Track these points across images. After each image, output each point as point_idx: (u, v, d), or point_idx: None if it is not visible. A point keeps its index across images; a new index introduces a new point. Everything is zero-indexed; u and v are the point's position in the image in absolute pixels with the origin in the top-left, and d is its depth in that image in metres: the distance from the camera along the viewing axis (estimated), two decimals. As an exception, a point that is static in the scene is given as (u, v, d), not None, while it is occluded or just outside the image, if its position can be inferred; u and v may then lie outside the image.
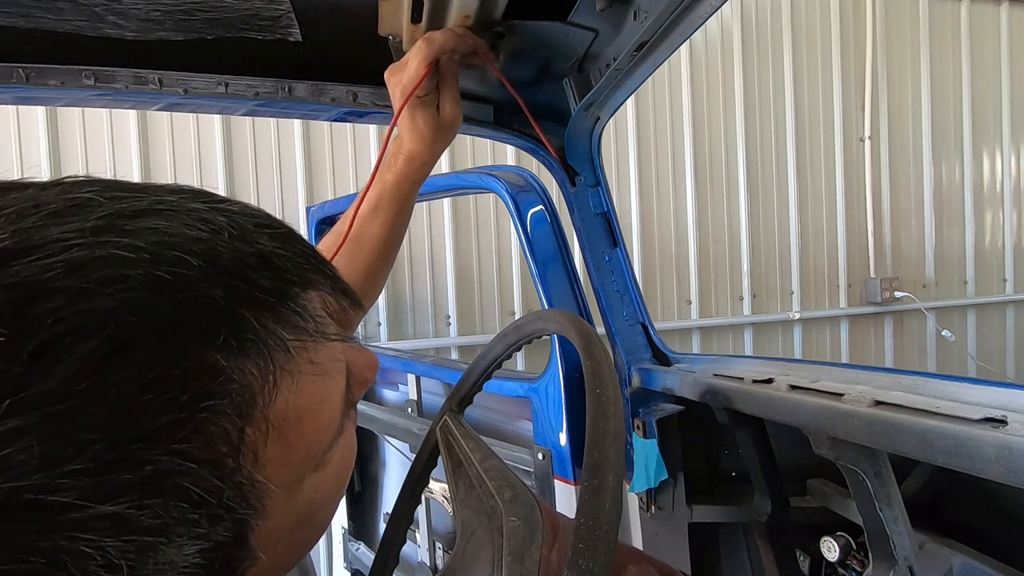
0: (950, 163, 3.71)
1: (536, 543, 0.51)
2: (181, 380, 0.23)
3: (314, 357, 0.28)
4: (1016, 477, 0.51)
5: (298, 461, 0.29)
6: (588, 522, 0.40)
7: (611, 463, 0.43)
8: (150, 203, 0.26)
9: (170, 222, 0.25)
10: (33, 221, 0.23)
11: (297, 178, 2.64)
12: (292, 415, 0.27)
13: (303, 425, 0.28)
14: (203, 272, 0.24)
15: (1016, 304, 3.86)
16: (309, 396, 0.28)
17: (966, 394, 0.64)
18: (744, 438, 0.93)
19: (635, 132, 3.09)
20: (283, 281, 0.28)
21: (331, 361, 0.30)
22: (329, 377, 0.30)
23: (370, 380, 0.38)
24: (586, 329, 0.60)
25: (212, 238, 0.26)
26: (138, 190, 0.27)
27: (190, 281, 0.24)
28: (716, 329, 3.28)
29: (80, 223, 0.23)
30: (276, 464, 0.27)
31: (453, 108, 0.71)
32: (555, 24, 0.71)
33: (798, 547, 0.97)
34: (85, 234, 0.23)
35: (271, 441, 0.26)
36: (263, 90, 0.86)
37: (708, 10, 0.65)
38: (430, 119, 0.71)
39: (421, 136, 0.72)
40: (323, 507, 0.33)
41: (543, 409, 1.28)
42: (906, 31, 3.58)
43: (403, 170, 0.75)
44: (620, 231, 1.08)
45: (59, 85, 0.78)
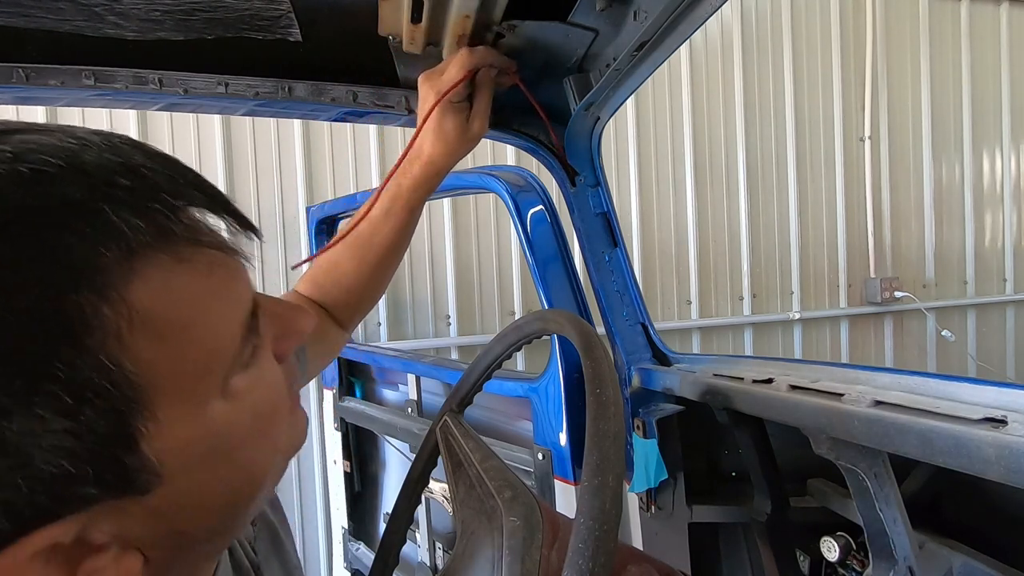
0: (950, 163, 3.71)
1: (536, 543, 0.51)
2: (32, 257, 0.24)
3: (184, 255, 0.29)
4: (1016, 477, 0.51)
5: (190, 371, 0.29)
6: (588, 522, 0.40)
7: (611, 463, 0.43)
8: (34, 127, 0.29)
9: (44, 137, 0.27)
10: None
11: (297, 178, 2.63)
12: (169, 315, 0.28)
13: (189, 333, 0.29)
14: (63, 171, 0.26)
15: (1016, 304, 3.86)
16: (185, 298, 0.29)
17: (966, 394, 0.64)
18: (744, 438, 0.93)
19: (635, 132, 3.09)
20: (149, 187, 0.29)
21: (210, 267, 0.31)
22: (208, 284, 0.30)
23: (300, 330, 0.39)
24: (586, 329, 0.60)
25: (80, 149, 0.27)
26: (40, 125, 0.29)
27: (48, 177, 0.26)
28: (716, 329, 3.28)
29: None
30: (160, 366, 0.28)
31: (482, 121, 0.74)
32: (555, 24, 0.72)
33: (798, 547, 0.97)
34: None
35: (143, 335, 0.27)
36: (263, 90, 0.86)
37: (708, 10, 0.65)
38: (458, 126, 0.73)
39: (446, 143, 0.74)
40: (245, 447, 0.33)
41: (543, 409, 1.28)
42: (906, 31, 3.58)
43: (419, 176, 0.76)
44: (620, 231, 1.08)
45: (59, 85, 0.78)
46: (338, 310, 0.80)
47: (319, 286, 0.80)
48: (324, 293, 0.79)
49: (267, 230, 2.63)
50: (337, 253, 0.79)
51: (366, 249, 0.78)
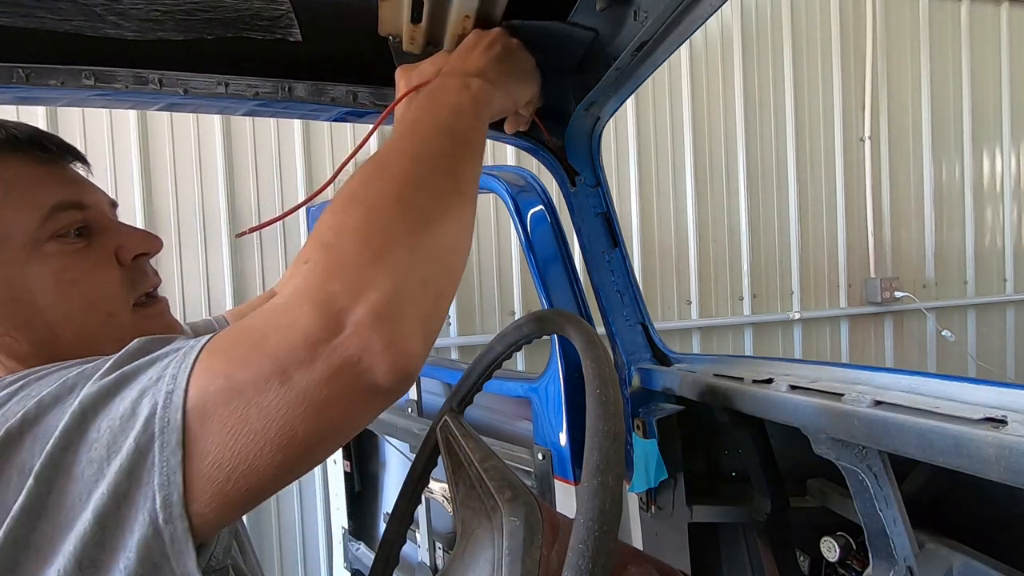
0: (950, 163, 3.71)
1: (536, 543, 0.51)
2: None
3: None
4: (1016, 477, 0.51)
5: (7, 219, 0.50)
6: (588, 522, 0.40)
7: (611, 463, 0.43)
8: None
9: None
10: None
11: (297, 178, 2.63)
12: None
13: (6, 198, 0.50)
14: None
15: (1016, 304, 3.86)
16: (1, 182, 0.50)
17: (966, 394, 0.64)
18: (744, 438, 0.93)
19: (635, 132, 3.09)
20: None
21: (5, 173, 0.51)
22: (6, 180, 0.51)
23: (131, 245, 0.57)
24: (586, 329, 0.60)
25: None
26: None
27: None
28: (716, 329, 3.28)
29: None
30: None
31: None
32: (555, 24, 0.71)
33: (798, 547, 0.97)
34: None
35: None
36: (263, 90, 0.86)
37: (708, 10, 0.65)
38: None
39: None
40: (55, 289, 0.51)
41: (543, 409, 1.28)
42: (906, 31, 3.58)
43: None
44: (620, 231, 1.08)
45: (59, 85, 0.78)
46: None
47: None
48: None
49: (267, 230, 2.63)
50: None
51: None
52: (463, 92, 0.56)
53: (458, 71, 0.60)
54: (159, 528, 0.34)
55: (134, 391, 0.36)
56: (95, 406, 0.36)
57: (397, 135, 0.51)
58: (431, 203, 0.45)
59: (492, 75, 0.60)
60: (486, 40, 0.64)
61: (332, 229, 0.41)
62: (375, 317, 0.37)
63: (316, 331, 0.36)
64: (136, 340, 0.41)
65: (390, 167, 0.46)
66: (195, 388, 0.35)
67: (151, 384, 0.36)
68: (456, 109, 0.54)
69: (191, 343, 0.39)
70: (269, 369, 0.35)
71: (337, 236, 0.41)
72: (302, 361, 0.35)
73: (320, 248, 0.40)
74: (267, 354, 0.36)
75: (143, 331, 0.50)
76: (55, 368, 0.42)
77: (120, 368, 0.38)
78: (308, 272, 0.39)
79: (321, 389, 0.36)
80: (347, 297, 0.37)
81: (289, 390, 0.35)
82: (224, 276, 2.52)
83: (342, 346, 0.36)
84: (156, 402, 0.35)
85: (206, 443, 0.35)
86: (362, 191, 0.44)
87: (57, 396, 0.37)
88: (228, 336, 0.38)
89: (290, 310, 0.37)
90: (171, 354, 0.38)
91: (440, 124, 0.52)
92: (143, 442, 0.34)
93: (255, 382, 0.35)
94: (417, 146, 0.49)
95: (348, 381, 0.36)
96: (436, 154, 0.49)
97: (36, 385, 0.39)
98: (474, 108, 0.56)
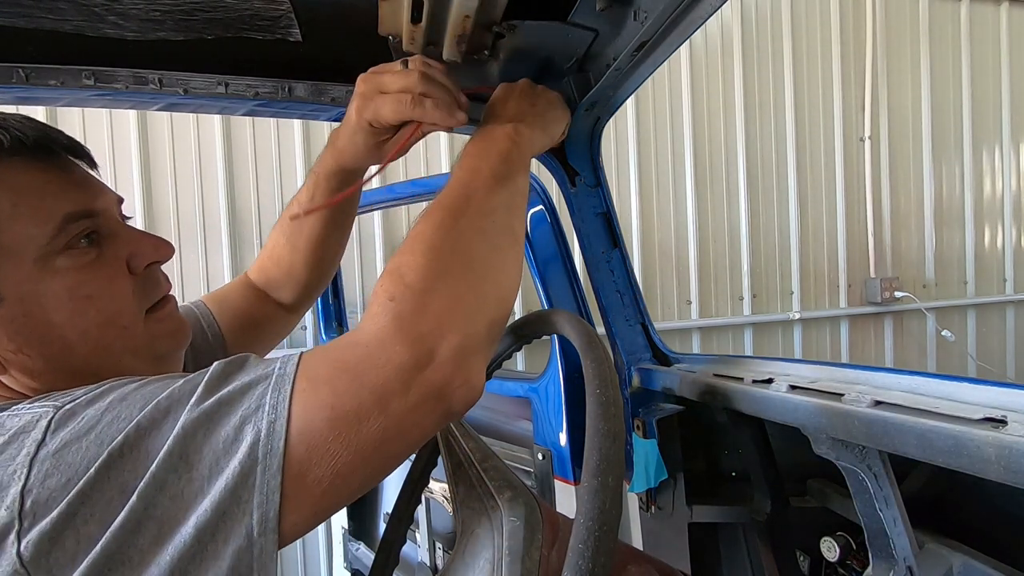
0: (950, 163, 3.71)
1: (536, 543, 0.51)
2: None
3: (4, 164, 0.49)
4: (1016, 477, 0.51)
5: (14, 232, 0.47)
6: (588, 522, 0.40)
7: (611, 463, 0.43)
8: None
9: None
10: None
11: (297, 178, 2.63)
12: (1, 196, 0.47)
13: (15, 210, 0.47)
14: None
15: (1016, 304, 3.86)
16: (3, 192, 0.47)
17: (966, 394, 0.64)
18: (744, 438, 0.93)
19: (635, 132, 3.09)
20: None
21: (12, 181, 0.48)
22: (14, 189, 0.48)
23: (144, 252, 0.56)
24: (586, 329, 0.60)
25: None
26: None
27: None
28: (716, 329, 3.28)
29: None
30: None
31: (389, 149, 0.69)
32: (555, 24, 0.72)
33: (798, 547, 0.97)
34: None
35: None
36: (263, 90, 0.86)
37: (708, 10, 0.65)
38: (366, 145, 0.69)
39: (348, 143, 0.70)
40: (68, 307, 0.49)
41: (543, 409, 1.28)
42: (906, 31, 3.58)
43: (330, 164, 0.74)
44: (620, 231, 1.08)
45: (59, 85, 0.78)
46: (280, 292, 0.84)
47: (263, 270, 0.85)
48: (267, 276, 0.84)
49: (267, 230, 2.62)
50: (275, 236, 0.84)
51: (296, 235, 0.81)
52: (511, 139, 0.62)
53: (502, 118, 0.66)
54: (252, 541, 0.38)
55: (235, 418, 0.40)
56: (196, 431, 0.39)
57: (460, 180, 0.56)
58: (496, 256, 0.53)
59: (530, 119, 0.67)
60: (517, 89, 0.70)
61: (415, 272, 0.47)
62: (456, 356, 0.45)
63: (410, 367, 0.43)
64: (216, 364, 0.43)
65: (461, 218, 0.52)
66: (298, 418, 0.40)
67: (251, 412, 0.40)
68: (506, 156, 0.60)
69: (278, 369, 0.43)
70: (371, 401, 0.42)
71: (423, 281, 0.47)
72: (397, 392, 0.42)
73: (406, 289, 0.46)
74: (368, 387, 0.42)
75: (156, 336, 0.56)
76: (131, 384, 0.43)
77: (215, 394, 0.41)
78: (397, 312, 0.45)
79: (413, 415, 0.43)
80: (434, 339, 0.44)
81: (387, 417, 0.42)
82: (224, 276, 2.52)
83: (430, 380, 0.44)
84: (260, 430, 0.39)
85: (308, 465, 0.40)
86: (439, 238, 0.50)
87: (154, 419, 0.39)
88: (324, 367, 0.43)
89: (385, 348, 0.43)
90: (262, 381, 0.42)
91: (496, 172, 0.58)
92: (247, 466, 0.38)
93: (358, 412, 0.41)
94: (481, 198, 0.55)
95: (433, 407, 0.44)
96: (498, 206, 0.56)
97: (122, 405, 0.40)
98: (520, 154, 0.62)
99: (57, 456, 0.37)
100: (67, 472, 0.37)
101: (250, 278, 0.86)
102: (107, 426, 0.39)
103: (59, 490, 0.36)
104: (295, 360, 0.43)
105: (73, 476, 0.37)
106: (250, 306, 0.83)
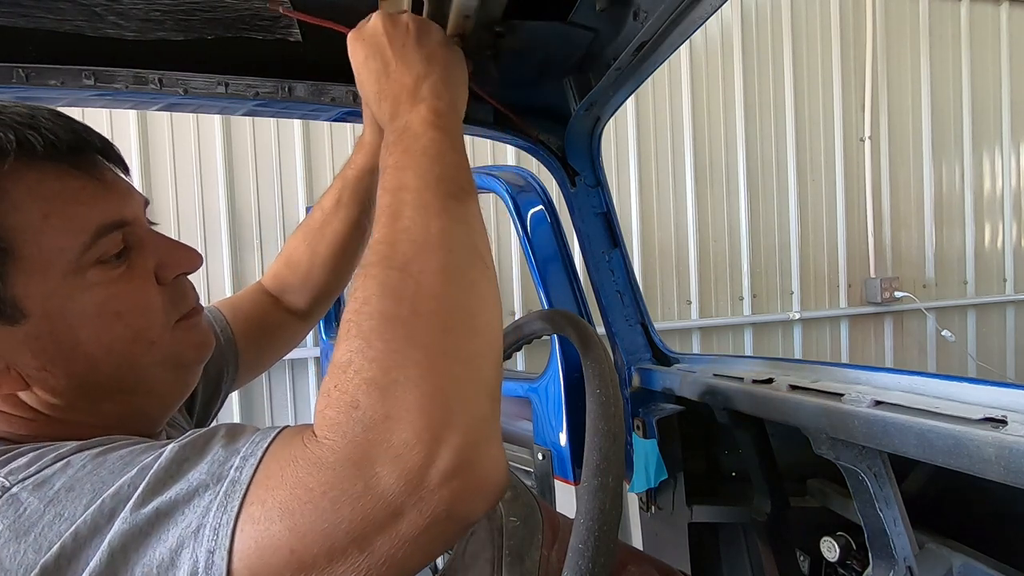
0: (950, 163, 3.71)
1: (536, 543, 0.51)
2: None
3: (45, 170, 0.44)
4: (1016, 477, 0.51)
5: (45, 244, 0.43)
6: (588, 522, 0.40)
7: (611, 463, 0.43)
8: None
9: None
10: None
11: (297, 178, 2.64)
12: (28, 205, 0.43)
13: (47, 221, 0.43)
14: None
15: (1016, 304, 3.86)
16: (35, 201, 0.43)
17: (966, 394, 0.64)
18: (744, 438, 0.93)
19: (635, 132, 3.09)
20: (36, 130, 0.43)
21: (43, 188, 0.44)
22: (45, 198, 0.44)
23: (174, 263, 0.52)
24: (586, 329, 0.60)
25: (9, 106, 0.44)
26: None
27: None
28: (716, 329, 3.28)
29: None
30: (20, 235, 0.42)
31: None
32: (555, 24, 0.71)
33: (798, 547, 0.97)
34: None
35: (6, 202, 0.42)
36: (263, 90, 0.86)
37: (708, 10, 0.65)
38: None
39: (377, 128, 0.71)
40: (98, 322, 0.45)
41: (543, 409, 1.28)
42: (906, 31, 3.58)
43: (360, 163, 0.74)
44: (620, 231, 1.08)
45: (59, 85, 0.78)
46: (295, 297, 0.82)
47: (278, 276, 0.83)
48: (282, 282, 0.82)
49: (268, 231, 2.63)
50: (294, 242, 0.82)
51: (317, 239, 0.79)
52: (432, 125, 0.49)
53: (403, 97, 0.52)
54: None
55: (172, 538, 0.33)
56: (126, 550, 0.33)
57: (391, 210, 0.43)
58: (471, 297, 0.40)
59: (436, 74, 0.53)
60: (387, 38, 0.55)
61: (376, 363, 0.35)
62: (460, 459, 0.34)
63: (397, 494, 0.32)
64: (173, 446, 0.36)
65: (411, 264, 0.39)
66: (247, 555, 0.32)
67: (189, 535, 0.33)
68: (436, 152, 0.47)
69: (232, 471, 0.34)
70: (345, 541, 0.32)
71: (389, 371, 0.35)
72: (384, 527, 0.33)
73: (369, 388, 0.34)
74: (340, 527, 0.32)
75: (183, 346, 0.52)
76: (88, 457, 0.37)
77: (155, 498, 0.34)
78: (366, 421, 0.33)
79: (409, 547, 0.33)
80: (424, 448, 0.33)
81: (370, 556, 0.33)
82: (224, 276, 2.52)
83: (430, 502, 0.33)
84: (197, 561, 0.32)
85: None
86: (391, 303, 0.37)
87: (96, 526, 0.34)
88: (282, 492, 0.33)
89: (358, 473, 0.33)
90: (211, 486, 0.34)
91: (431, 179, 0.44)
92: None
93: (329, 555, 0.32)
94: (426, 225, 0.41)
95: (441, 530, 0.34)
96: (451, 227, 0.42)
97: (68, 498, 0.35)
98: (452, 142, 0.48)
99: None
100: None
101: (264, 285, 0.84)
102: (47, 527, 0.34)
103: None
104: (256, 457, 0.35)
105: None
106: (264, 313, 0.81)
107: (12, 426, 0.46)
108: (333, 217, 0.78)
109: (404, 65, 0.53)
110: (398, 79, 0.53)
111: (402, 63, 0.53)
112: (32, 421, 0.46)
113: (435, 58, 0.55)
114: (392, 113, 0.52)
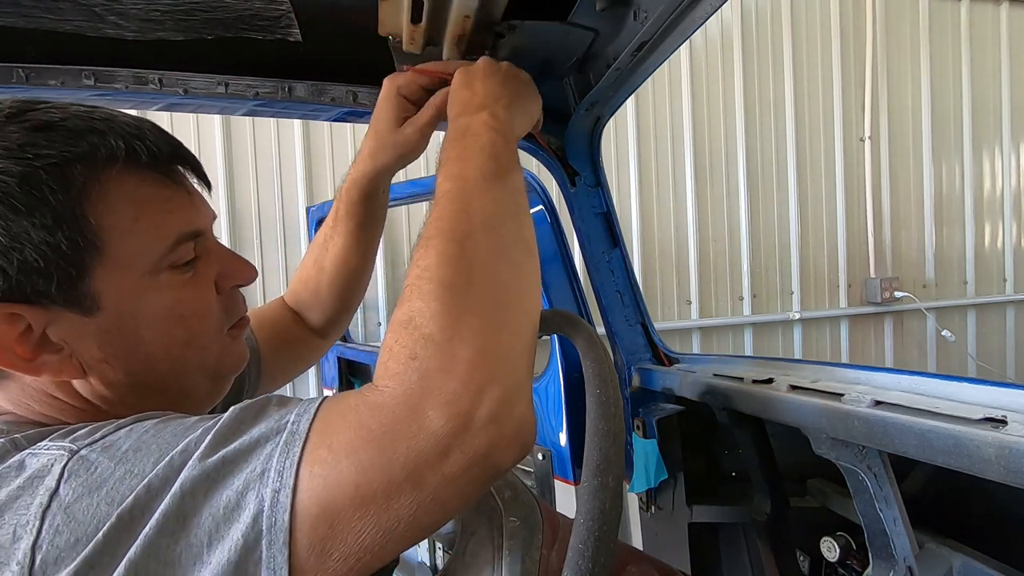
0: (950, 163, 3.71)
1: (536, 543, 0.51)
2: (58, 140, 0.43)
3: (144, 176, 0.47)
4: (1016, 477, 0.51)
5: (131, 245, 0.46)
6: (588, 522, 0.40)
7: (611, 463, 0.43)
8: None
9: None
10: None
11: (297, 178, 2.64)
12: (124, 208, 0.45)
13: (137, 224, 0.46)
14: (95, 113, 0.46)
15: (1016, 304, 3.86)
16: (130, 204, 0.46)
17: (966, 394, 0.64)
18: (744, 438, 0.93)
19: (635, 132, 3.09)
20: (137, 136, 0.47)
21: (139, 194, 0.47)
22: (139, 203, 0.47)
23: (234, 273, 0.55)
24: (586, 329, 0.60)
25: (117, 115, 0.47)
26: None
27: (93, 116, 0.46)
28: (716, 329, 3.28)
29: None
30: (109, 233, 0.44)
31: (415, 128, 0.70)
32: (555, 24, 0.72)
33: (798, 547, 0.97)
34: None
35: (104, 206, 0.44)
36: (263, 90, 0.86)
37: (708, 10, 0.65)
38: (391, 122, 0.71)
39: (375, 137, 0.72)
40: (162, 323, 0.48)
41: (543, 409, 1.28)
42: (906, 31, 3.58)
43: (355, 175, 0.75)
44: (620, 231, 1.08)
45: (59, 85, 0.78)
46: (310, 314, 0.83)
47: (294, 292, 0.84)
48: (297, 298, 0.83)
49: (267, 231, 2.63)
50: (306, 259, 0.83)
51: (322, 255, 0.80)
52: (492, 129, 0.56)
53: (473, 106, 0.60)
54: None
55: (238, 481, 0.37)
56: (195, 493, 0.36)
57: (449, 194, 0.50)
58: (518, 276, 0.47)
59: (506, 101, 0.60)
60: (480, 69, 0.64)
61: (434, 320, 0.41)
62: (500, 410, 0.39)
63: (446, 434, 0.38)
64: (232, 410, 0.40)
65: (467, 241, 0.46)
66: (315, 491, 0.36)
67: (255, 478, 0.37)
68: (493, 151, 0.54)
69: (291, 424, 0.39)
70: (402, 477, 0.37)
71: (445, 329, 0.41)
72: (434, 464, 0.37)
73: (427, 343, 0.40)
74: (398, 462, 0.37)
75: (226, 355, 0.55)
76: (149, 426, 0.41)
77: (221, 449, 0.38)
78: (423, 371, 0.39)
79: (453, 485, 0.38)
80: (470, 397, 0.39)
81: (421, 491, 0.37)
82: (224, 276, 2.52)
83: (472, 445, 0.38)
84: (263, 500, 0.36)
85: (332, 543, 0.36)
86: (450, 272, 0.44)
87: (166, 479, 0.37)
88: (346, 433, 0.38)
89: (416, 414, 0.38)
90: (272, 438, 0.38)
91: (487, 172, 0.51)
92: (251, 539, 0.35)
93: (387, 490, 0.37)
94: (481, 209, 0.48)
95: (479, 472, 0.39)
96: (503, 214, 0.49)
97: (136, 457, 0.38)
98: (507, 146, 0.56)
99: (68, 512, 0.36)
100: (76, 531, 0.35)
101: (285, 301, 0.85)
102: (119, 482, 0.37)
103: (68, 550, 0.35)
104: (310, 414, 0.39)
105: (82, 537, 0.35)
106: (285, 327, 0.82)
107: (60, 413, 0.47)
108: (334, 232, 0.78)
109: (485, 87, 0.62)
110: (477, 93, 0.62)
111: (484, 86, 0.62)
112: (81, 411, 0.47)
113: (509, 85, 0.63)
114: (459, 112, 0.60)
